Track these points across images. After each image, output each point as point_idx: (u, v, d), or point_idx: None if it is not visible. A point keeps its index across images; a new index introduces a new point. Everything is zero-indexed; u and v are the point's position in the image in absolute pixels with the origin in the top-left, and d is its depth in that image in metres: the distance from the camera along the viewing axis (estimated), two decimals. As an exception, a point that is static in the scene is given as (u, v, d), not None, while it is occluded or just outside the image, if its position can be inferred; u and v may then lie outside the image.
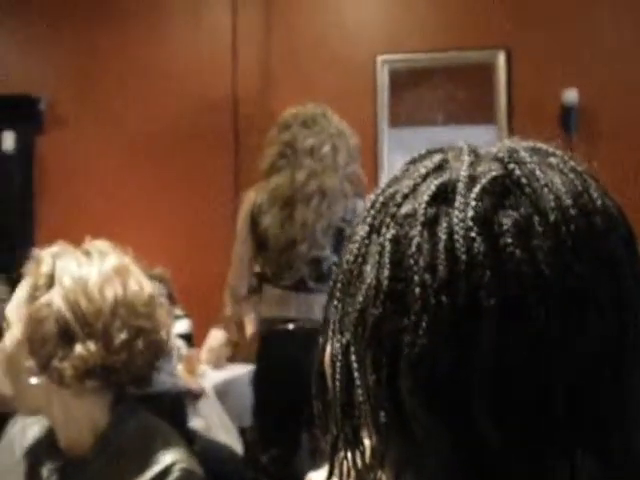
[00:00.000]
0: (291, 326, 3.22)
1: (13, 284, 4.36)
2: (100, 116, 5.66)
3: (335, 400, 0.69)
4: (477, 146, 0.69)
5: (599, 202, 0.65)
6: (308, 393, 2.81)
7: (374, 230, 0.67)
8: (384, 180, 0.72)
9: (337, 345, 0.69)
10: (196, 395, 4.21)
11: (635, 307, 0.63)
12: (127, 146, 5.60)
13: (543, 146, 0.69)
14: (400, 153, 5.25)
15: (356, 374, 0.66)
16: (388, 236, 0.65)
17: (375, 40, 5.31)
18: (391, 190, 0.69)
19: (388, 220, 0.66)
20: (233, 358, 5.05)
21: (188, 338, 4.73)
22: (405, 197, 0.66)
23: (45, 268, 1.53)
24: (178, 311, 4.48)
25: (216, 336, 4.96)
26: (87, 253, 1.56)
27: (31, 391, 1.53)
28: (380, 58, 5.26)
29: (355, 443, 0.69)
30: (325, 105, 3.42)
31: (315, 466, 3.25)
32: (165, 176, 5.51)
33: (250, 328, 4.80)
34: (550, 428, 0.61)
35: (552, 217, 0.62)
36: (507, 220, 0.62)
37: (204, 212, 5.43)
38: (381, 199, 0.69)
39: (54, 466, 1.56)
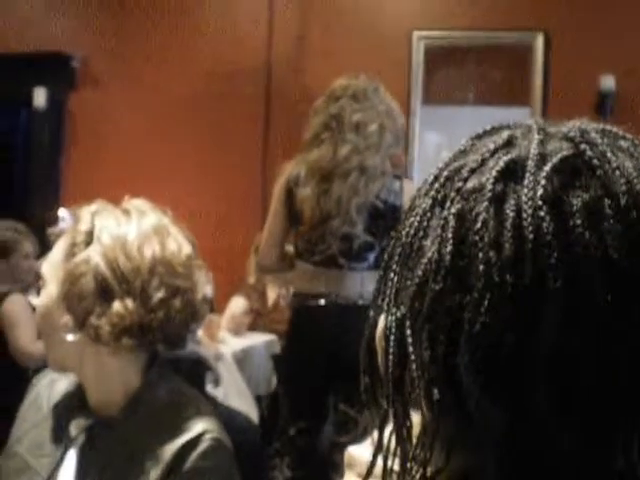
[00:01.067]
0: (322, 301, 3.21)
1: (42, 241, 4.40)
2: (133, 75, 5.66)
3: (387, 375, 0.68)
4: (545, 124, 0.68)
5: None
6: (337, 367, 2.82)
7: (437, 204, 0.66)
8: (448, 155, 0.70)
9: (392, 318, 0.68)
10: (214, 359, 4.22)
11: None
12: (158, 106, 5.60)
13: (613, 129, 0.68)
14: (432, 131, 5.22)
15: (411, 349, 0.65)
16: (452, 210, 0.64)
17: (412, 15, 5.27)
18: (456, 164, 0.67)
19: (453, 194, 0.65)
20: (253, 326, 5.07)
21: (209, 303, 4.75)
22: (472, 172, 0.65)
23: (84, 225, 1.53)
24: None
25: (237, 303, 4.98)
26: (126, 212, 1.56)
27: (65, 348, 1.54)
28: (417, 34, 5.22)
29: (404, 419, 0.68)
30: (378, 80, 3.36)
31: (340, 439, 3.28)
32: (194, 139, 5.51)
33: (272, 298, 4.81)
34: (609, 416, 0.60)
35: (623, 201, 0.60)
36: (577, 201, 0.60)
37: (232, 177, 5.43)
38: (445, 173, 0.67)
39: (83, 424, 1.57)
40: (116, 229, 1.51)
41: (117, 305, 1.47)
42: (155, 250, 1.51)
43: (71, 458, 1.57)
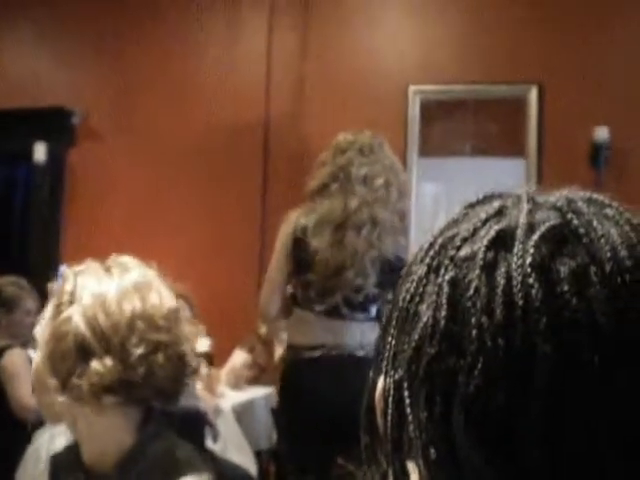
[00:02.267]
0: (317, 353, 3.18)
1: (42, 297, 4.40)
2: (132, 132, 5.72)
3: (386, 435, 0.70)
4: (535, 194, 0.71)
5: None
6: (335, 421, 2.78)
7: (432, 271, 0.69)
8: (442, 223, 0.74)
9: (390, 380, 0.70)
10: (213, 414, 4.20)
11: None
12: (158, 163, 5.65)
13: (599, 197, 0.71)
14: (429, 182, 5.27)
15: (408, 410, 0.67)
16: (446, 277, 0.66)
17: (408, 70, 5.34)
18: (450, 233, 0.70)
19: (447, 262, 0.67)
20: (254, 380, 5.04)
21: (208, 357, 4.74)
22: (464, 240, 0.68)
23: (68, 286, 1.54)
24: (198, 329, 4.48)
25: (239, 357, 4.96)
26: (108, 269, 1.57)
27: (57, 408, 1.53)
28: (412, 88, 5.29)
29: (403, 476, 0.70)
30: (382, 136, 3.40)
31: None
32: (194, 194, 5.55)
33: (279, 352, 4.79)
34: (599, 476, 0.62)
35: (608, 267, 0.63)
36: (564, 268, 0.63)
37: (230, 232, 5.46)
38: (440, 241, 0.70)
39: None
40: (97, 287, 1.52)
41: (95, 364, 1.46)
42: (135, 306, 1.51)
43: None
